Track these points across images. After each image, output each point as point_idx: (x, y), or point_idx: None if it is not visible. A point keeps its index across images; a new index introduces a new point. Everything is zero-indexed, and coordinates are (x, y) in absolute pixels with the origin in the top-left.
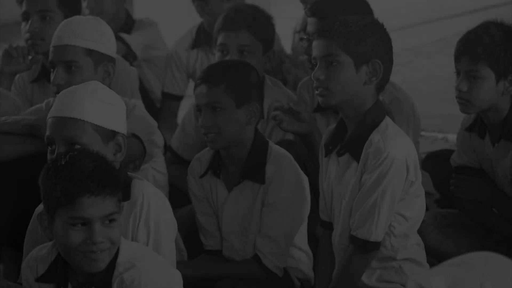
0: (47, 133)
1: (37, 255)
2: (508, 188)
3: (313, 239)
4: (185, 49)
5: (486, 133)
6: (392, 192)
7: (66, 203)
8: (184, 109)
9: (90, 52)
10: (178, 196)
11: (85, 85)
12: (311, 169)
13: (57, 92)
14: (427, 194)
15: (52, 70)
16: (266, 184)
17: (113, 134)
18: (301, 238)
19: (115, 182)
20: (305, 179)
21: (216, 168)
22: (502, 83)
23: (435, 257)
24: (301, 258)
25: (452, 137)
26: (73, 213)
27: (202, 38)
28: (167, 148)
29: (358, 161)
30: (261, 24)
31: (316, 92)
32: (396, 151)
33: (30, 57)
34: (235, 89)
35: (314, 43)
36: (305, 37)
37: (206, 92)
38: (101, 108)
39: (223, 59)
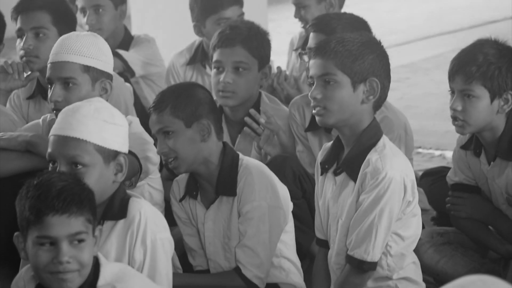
0: (49, 150)
1: (25, 274)
2: (504, 206)
3: (309, 255)
4: (182, 64)
5: (481, 151)
6: (389, 212)
7: (35, 222)
8: None
9: (87, 69)
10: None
11: (89, 103)
12: (307, 185)
13: (55, 109)
14: (423, 210)
15: (49, 86)
16: (238, 194)
17: (115, 154)
18: (289, 249)
19: (83, 202)
20: (282, 189)
21: (193, 189)
22: (497, 101)
23: (431, 275)
24: (291, 269)
25: (449, 154)
26: (41, 232)
27: (198, 56)
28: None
29: (355, 180)
30: (256, 41)
31: (314, 111)
32: (394, 171)
33: (25, 74)
34: (180, 110)
35: (311, 62)
36: (304, 52)
37: (155, 119)
38: (104, 128)
39: (218, 76)
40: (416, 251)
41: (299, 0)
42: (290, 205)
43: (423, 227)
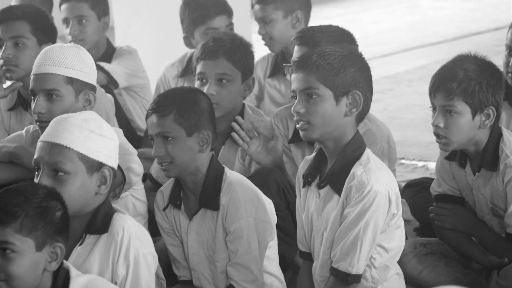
0: (35, 156)
1: None
2: (489, 216)
3: (293, 266)
4: (174, 76)
5: (467, 162)
6: (374, 225)
7: None
8: None
9: (71, 81)
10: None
11: (79, 114)
12: (291, 197)
13: (38, 121)
14: (405, 221)
15: (32, 98)
16: (222, 211)
17: (99, 165)
18: (272, 263)
19: (10, 212)
20: (268, 203)
21: (176, 199)
22: (478, 117)
23: (413, 285)
24: (273, 283)
25: (433, 165)
26: None
27: (190, 68)
28: (147, 175)
29: (339, 194)
30: (239, 53)
31: (297, 125)
32: (379, 185)
33: (5, 85)
34: (184, 118)
35: (293, 76)
36: (288, 65)
37: (156, 122)
38: (89, 138)
39: (202, 87)
40: (399, 261)
41: (264, 14)
42: (274, 219)
43: (406, 238)
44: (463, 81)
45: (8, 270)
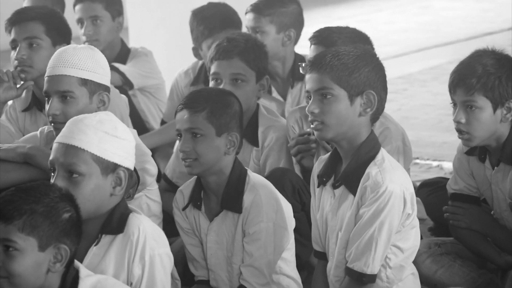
0: (50, 157)
1: None
2: (506, 213)
3: (307, 266)
4: (186, 84)
5: (486, 157)
6: (389, 225)
7: None
8: None
9: (85, 82)
10: (172, 224)
11: (95, 115)
12: (306, 198)
13: (52, 122)
14: (420, 220)
15: (46, 99)
16: (244, 213)
17: (114, 166)
18: (289, 265)
19: (16, 210)
20: (287, 208)
21: (197, 200)
22: (499, 111)
23: (428, 285)
24: (290, 285)
25: (447, 165)
26: None
27: (202, 77)
28: (161, 176)
29: (354, 194)
30: (253, 53)
31: (312, 126)
32: (394, 185)
33: (18, 85)
34: (216, 117)
35: (307, 77)
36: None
37: (187, 118)
38: (104, 139)
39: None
40: (414, 261)
41: (257, 25)
42: (292, 223)
43: (421, 237)
44: (483, 76)
45: (10, 268)
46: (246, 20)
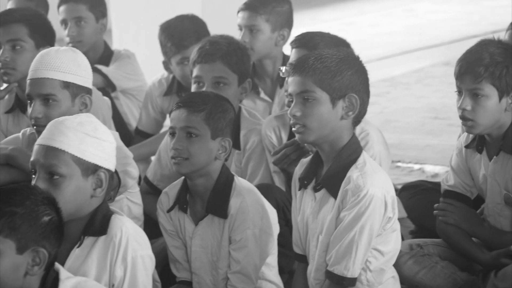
0: (31, 159)
1: None
2: (500, 206)
3: (289, 270)
4: (159, 93)
5: (483, 148)
6: (370, 229)
7: None
8: None
9: (67, 85)
10: (153, 227)
11: (75, 117)
12: (290, 215)
13: (35, 125)
14: (399, 219)
15: (29, 102)
16: (230, 220)
17: (94, 168)
18: (272, 270)
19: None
20: (272, 213)
21: (183, 202)
22: (505, 99)
23: (410, 287)
24: None
25: (429, 168)
26: None
27: (174, 88)
28: (141, 178)
29: (335, 197)
30: (236, 56)
31: (294, 129)
32: (375, 188)
33: (1, 87)
34: (214, 120)
35: (289, 80)
36: (284, 69)
37: (185, 117)
38: (84, 140)
39: (189, 92)
40: (395, 262)
41: (253, 23)
42: (277, 229)
43: (402, 238)
44: (490, 64)
45: None
46: (239, 18)
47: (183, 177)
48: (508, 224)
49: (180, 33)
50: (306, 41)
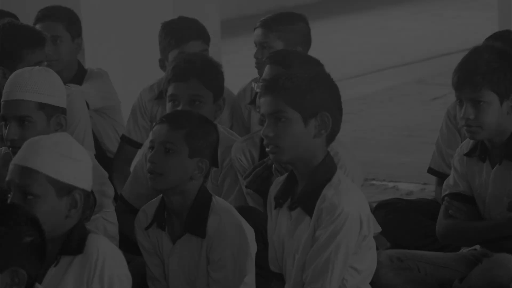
0: (7, 178)
1: None
2: (502, 215)
3: None
4: (150, 98)
5: (486, 157)
6: (346, 247)
7: None
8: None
9: (42, 106)
10: (128, 246)
11: (51, 136)
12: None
13: (10, 147)
14: (375, 237)
15: (3, 123)
16: (208, 240)
17: (69, 188)
18: None
19: None
20: (249, 232)
21: (161, 220)
22: (506, 103)
23: None
24: None
25: (403, 185)
26: None
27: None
28: (118, 197)
29: (310, 216)
30: (210, 73)
31: (267, 149)
32: (350, 207)
33: None
34: (194, 139)
35: (261, 100)
36: (256, 85)
37: (165, 132)
38: (59, 161)
39: (174, 109)
40: (375, 274)
41: (265, 40)
42: (254, 248)
43: (377, 248)
44: (488, 72)
45: None
46: (255, 36)
47: (161, 195)
48: None
49: (180, 28)
50: (281, 57)
